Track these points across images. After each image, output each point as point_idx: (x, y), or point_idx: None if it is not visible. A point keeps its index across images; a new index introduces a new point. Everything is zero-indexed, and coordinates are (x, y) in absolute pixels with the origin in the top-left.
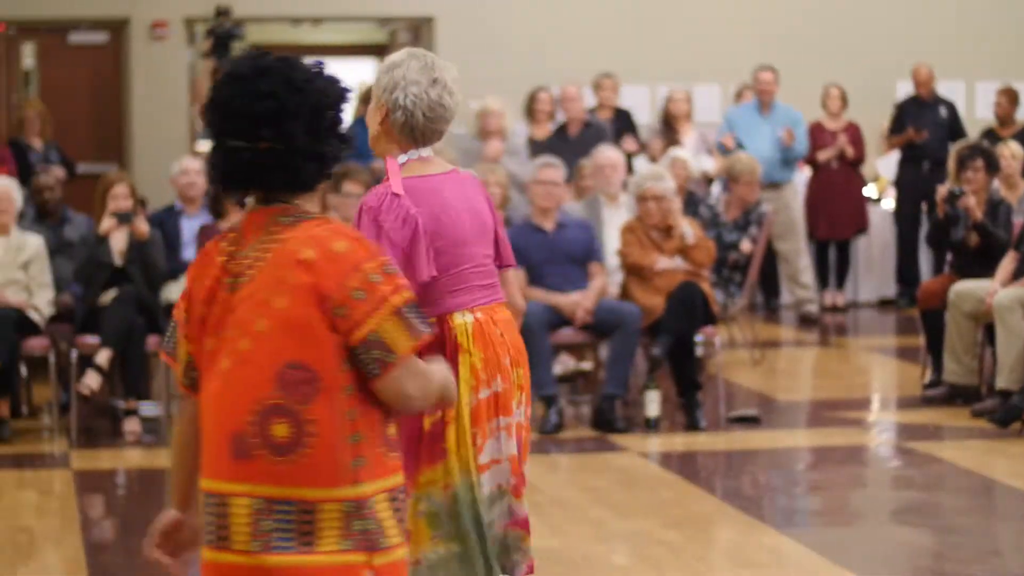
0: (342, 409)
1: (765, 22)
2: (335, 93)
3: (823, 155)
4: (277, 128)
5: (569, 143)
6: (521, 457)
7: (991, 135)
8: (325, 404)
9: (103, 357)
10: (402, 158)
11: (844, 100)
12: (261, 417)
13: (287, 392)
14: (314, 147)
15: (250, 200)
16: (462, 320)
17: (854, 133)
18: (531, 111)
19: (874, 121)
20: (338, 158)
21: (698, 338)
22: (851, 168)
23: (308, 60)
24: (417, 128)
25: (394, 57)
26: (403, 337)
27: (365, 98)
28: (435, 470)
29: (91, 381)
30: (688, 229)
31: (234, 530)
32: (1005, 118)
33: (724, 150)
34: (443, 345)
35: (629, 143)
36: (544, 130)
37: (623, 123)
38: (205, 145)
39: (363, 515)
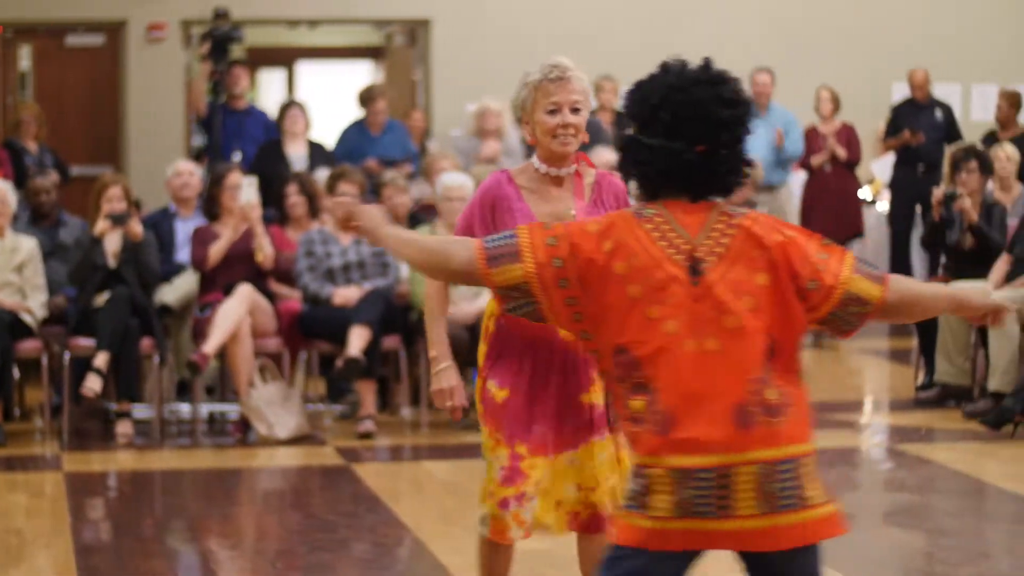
0: (799, 369)
1: (762, 24)
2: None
3: (815, 159)
4: (731, 134)
5: None
6: None
7: (992, 138)
8: (795, 368)
9: (101, 360)
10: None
11: (835, 102)
12: (758, 386)
13: (774, 360)
14: (744, 156)
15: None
16: None
17: (849, 135)
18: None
19: (870, 123)
20: (748, 173)
21: None
22: (846, 171)
23: None
24: None
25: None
26: (871, 286)
27: (362, 101)
28: None
29: (93, 383)
30: None
31: (739, 498)
32: (1006, 121)
33: None
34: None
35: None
36: None
37: (623, 125)
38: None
39: (815, 467)
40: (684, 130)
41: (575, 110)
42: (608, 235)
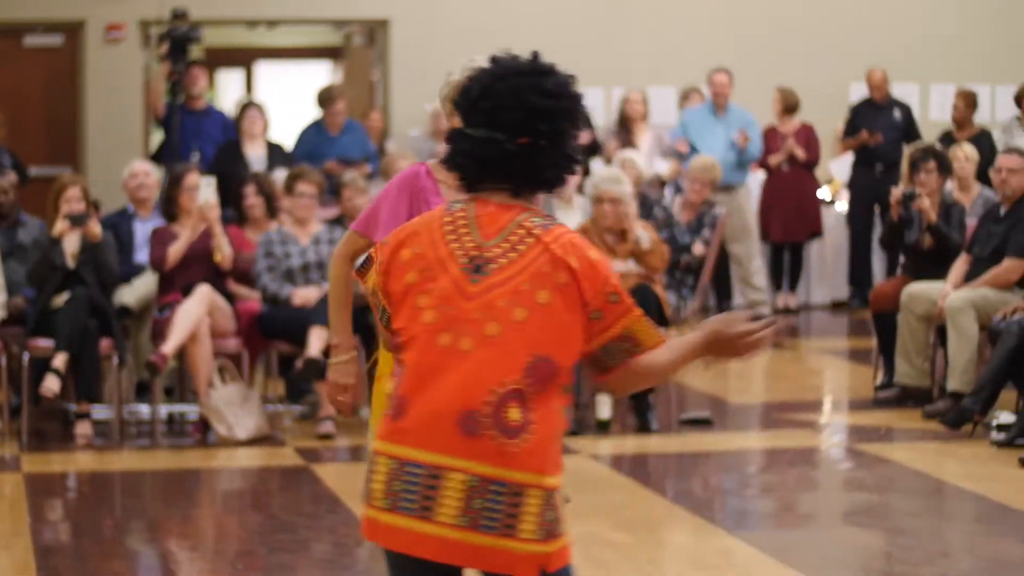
0: (560, 405)
1: (720, 24)
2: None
3: (774, 159)
4: (550, 125)
5: None
6: None
7: (948, 138)
8: (553, 397)
9: (60, 360)
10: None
11: (788, 103)
12: (499, 399)
13: (531, 381)
14: (571, 151)
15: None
16: None
17: (807, 135)
18: None
19: (828, 123)
20: (574, 170)
21: None
22: (804, 170)
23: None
24: None
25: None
26: (651, 334)
27: (321, 101)
28: None
29: (52, 384)
30: (643, 234)
31: (442, 503)
32: (962, 121)
33: (678, 155)
34: None
35: (584, 135)
36: None
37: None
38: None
39: (552, 505)
40: (504, 120)
41: None
42: (410, 230)
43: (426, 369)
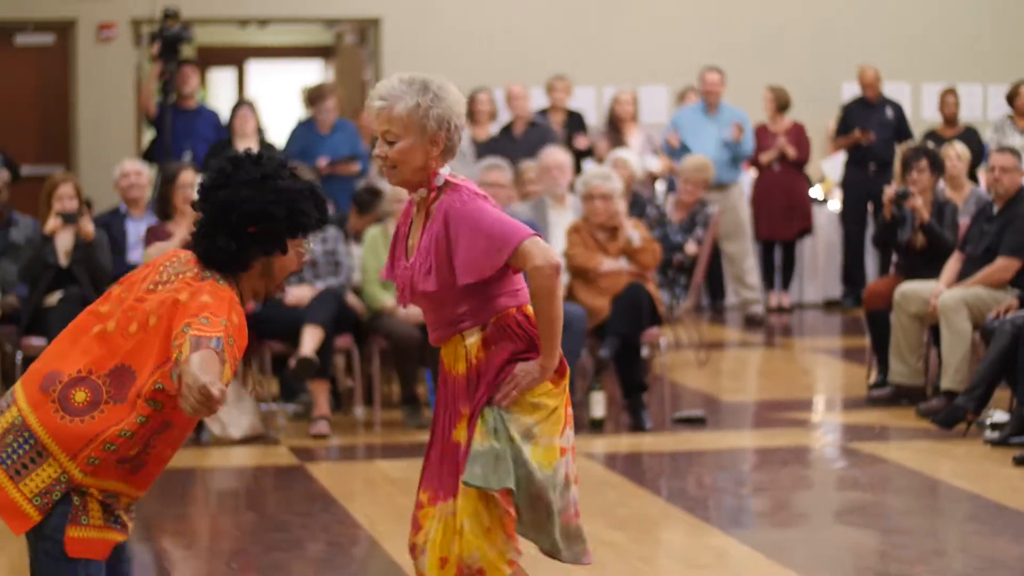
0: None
1: (712, 23)
2: (254, 205)
3: (765, 157)
4: (199, 203)
5: (514, 143)
6: None
7: (934, 136)
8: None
9: None
10: (446, 170)
11: (780, 102)
12: (61, 384)
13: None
14: (211, 232)
15: None
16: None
17: (798, 134)
18: (471, 112)
19: (820, 122)
20: (234, 255)
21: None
22: (795, 169)
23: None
24: (458, 146)
25: (431, 88)
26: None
27: (311, 100)
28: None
29: None
30: (634, 232)
31: None
32: (950, 119)
33: (669, 149)
34: (533, 337)
35: (580, 140)
36: (485, 131)
37: (575, 125)
38: None
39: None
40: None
41: (389, 142)
42: None
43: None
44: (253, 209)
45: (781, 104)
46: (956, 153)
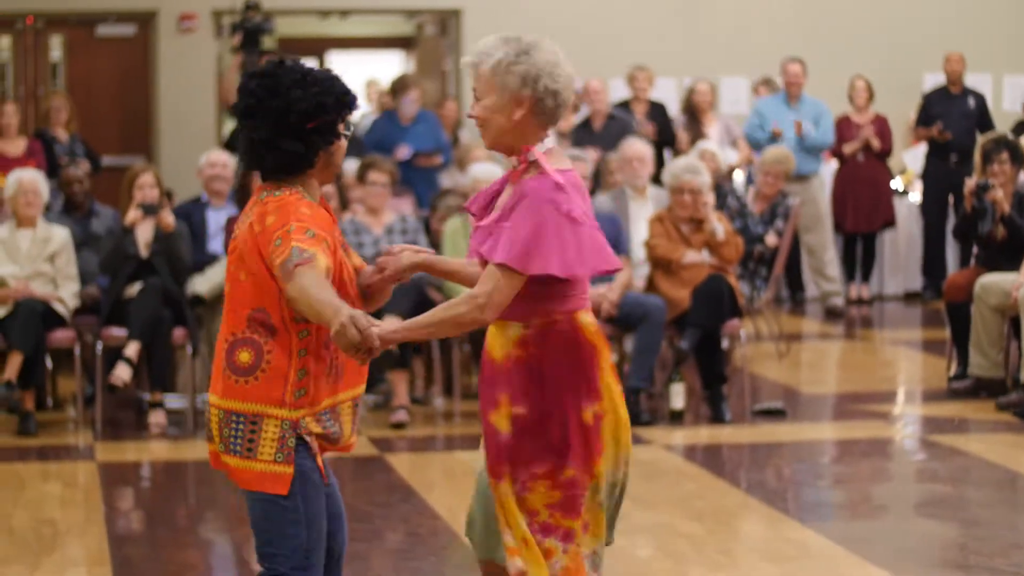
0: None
1: (793, 14)
2: (309, 103)
3: (848, 148)
4: (251, 121)
5: (593, 136)
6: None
7: (1021, 128)
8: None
9: (132, 349)
10: (541, 148)
11: (870, 92)
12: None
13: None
14: (275, 141)
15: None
16: (589, 319)
17: (881, 126)
18: None
19: (901, 113)
20: (303, 155)
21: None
22: (878, 161)
23: (309, 66)
24: (560, 112)
25: (516, 46)
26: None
27: (394, 91)
28: (604, 461)
29: (123, 373)
30: (719, 226)
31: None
32: None
33: (773, 138)
34: (578, 344)
35: (647, 128)
36: (568, 122)
37: (658, 116)
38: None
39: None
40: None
41: (478, 99)
42: None
43: None
44: (308, 107)
45: (870, 94)
46: None
